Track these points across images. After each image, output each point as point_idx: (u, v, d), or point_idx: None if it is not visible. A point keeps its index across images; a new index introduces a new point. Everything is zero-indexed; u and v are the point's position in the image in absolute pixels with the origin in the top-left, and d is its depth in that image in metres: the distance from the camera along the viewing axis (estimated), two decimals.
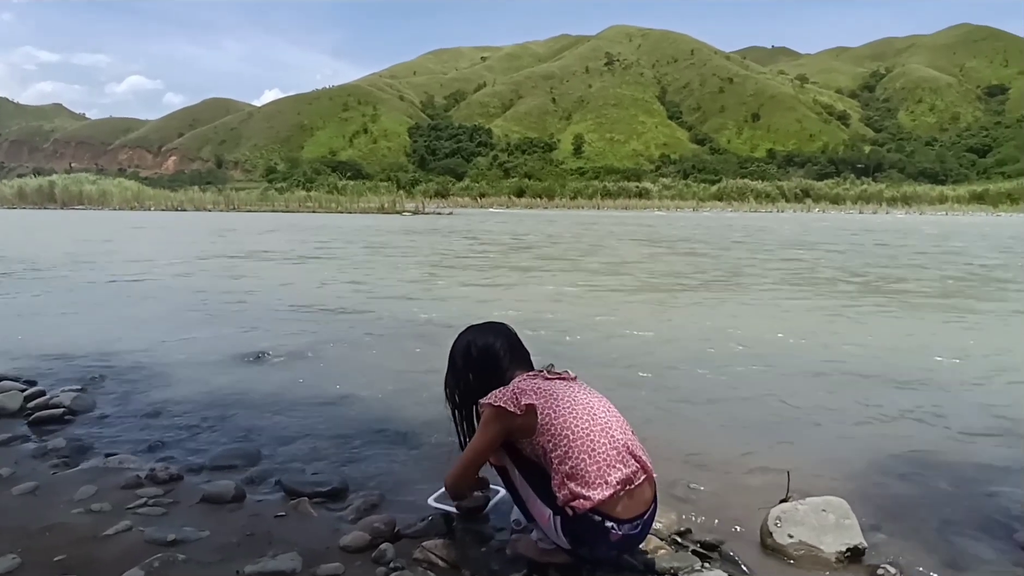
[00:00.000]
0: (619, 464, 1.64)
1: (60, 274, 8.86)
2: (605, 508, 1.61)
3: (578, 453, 1.63)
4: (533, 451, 1.72)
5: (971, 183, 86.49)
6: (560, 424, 1.67)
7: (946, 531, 2.02)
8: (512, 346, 1.92)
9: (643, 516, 1.67)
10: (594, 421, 1.68)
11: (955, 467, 2.54)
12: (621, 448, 1.66)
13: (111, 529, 1.94)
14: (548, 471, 1.69)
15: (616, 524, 1.62)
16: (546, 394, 1.72)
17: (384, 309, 6.23)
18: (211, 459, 2.53)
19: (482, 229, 22.91)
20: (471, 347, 1.91)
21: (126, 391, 3.45)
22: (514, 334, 1.97)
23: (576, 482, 1.62)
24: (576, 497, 1.61)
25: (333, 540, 1.91)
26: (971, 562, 1.85)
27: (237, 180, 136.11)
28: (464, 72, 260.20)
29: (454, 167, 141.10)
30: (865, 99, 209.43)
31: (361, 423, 2.99)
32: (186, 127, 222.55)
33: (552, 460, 1.66)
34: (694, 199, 75.21)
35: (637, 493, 1.65)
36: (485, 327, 1.98)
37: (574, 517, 1.62)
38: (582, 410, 1.70)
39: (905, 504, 2.21)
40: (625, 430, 1.73)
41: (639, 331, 5.26)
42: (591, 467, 1.62)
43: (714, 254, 13.32)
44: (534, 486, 1.72)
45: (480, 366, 1.88)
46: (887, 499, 2.24)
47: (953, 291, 8.03)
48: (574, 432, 1.65)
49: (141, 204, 48.29)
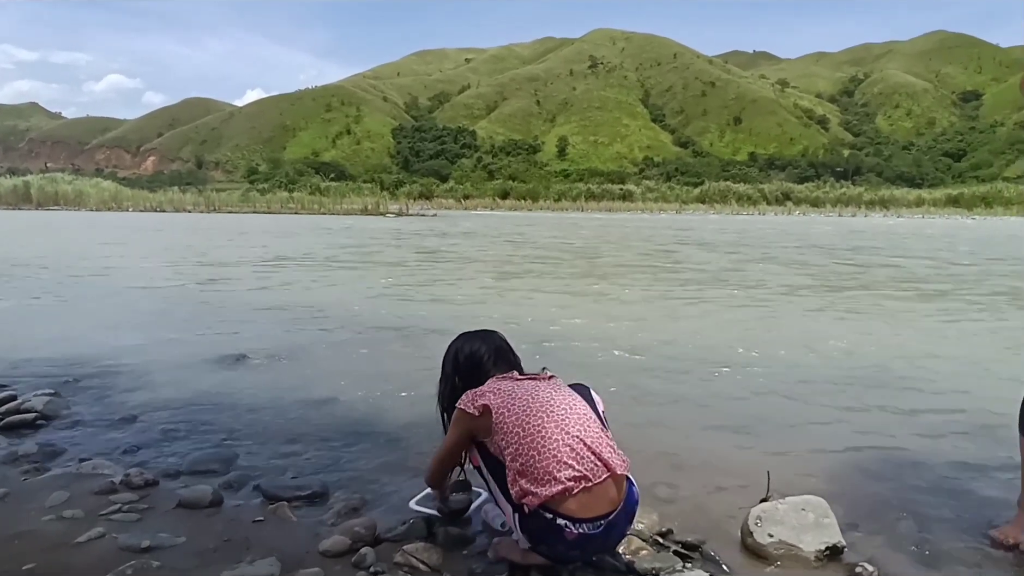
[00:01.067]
0: (571, 461, 1.61)
1: (32, 275, 8.67)
2: (556, 505, 1.59)
3: (528, 450, 1.64)
4: (495, 450, 1.74)
5: (947, 187, 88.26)
6: (512, 422, 1.68)
7: (921, 528, 2.05)
8: (498, 352, 1.94)
9: (607, 516, 1.63)
10: (549, 418, 1.67)
11: (929, 465, 2.58)
12: (576, 445, 1.63)
13: (83, 536, 1.89)
14: (505, 468, 1.72)
15: (571, 523, 1.59)
16: (505, 394, 1.74)
17: (365, 311, 6.18)
18: (188, 463, 2.49)
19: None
20: (459, 353, 1.97)
21: (101, 395, 3.38)
22: (503, 341, 2.00)
23: (526, 478, 1.62)
24: (526, 494, 1.61)
25: (313, 545, 1.88)
26: (945, 558, 1.88)
27: (218, 181, 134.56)
28: (448, 73, 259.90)
29: (438, 169, 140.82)
30: (844, 104, 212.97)
31: (342, 426, 2.96)
32: (166, 127, 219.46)
33: (506, 457, 1.69)
34: (677, 201, 75.90)
35: (597, 491, 1.61)
36: (475, 334, 2.01)
37: (528, 514, 1.63)
38: (538, 407, 1.69)
39: (882, 502, 2.24)
40: (588, 427, 1.69)
41: (614, 335, 5.28)
42: (540, 463, 1.61)
43: (708, 256, 13.43)
44: (499, 484, 1.73)
45: (466, 371, 1.92)
46: (864, 498, 2.27)
47: (927, 292, 8.18)
48: (525, 429, 1.66)
49: (119, 205, 47.51)
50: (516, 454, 1.66)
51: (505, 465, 1.71)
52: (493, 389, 1.77)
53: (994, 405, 3.10)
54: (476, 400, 1.75)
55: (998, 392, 2.04)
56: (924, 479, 2.44)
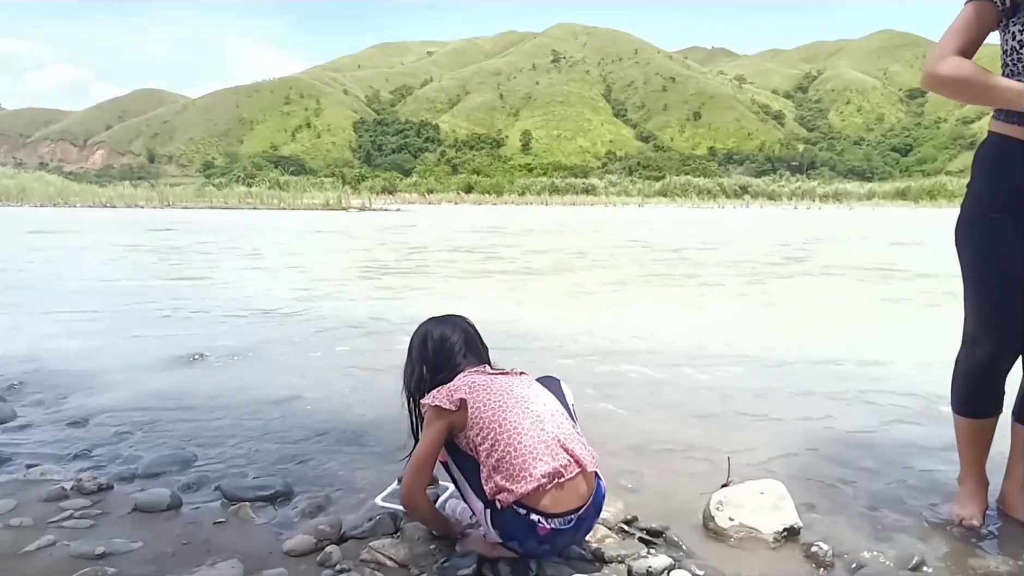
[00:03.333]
0: (547, 457, 1.63)
1: None
2: (530, 501, 1.60)
3: (504, 446, 1.63)
4: (467, 445, 1.72)
5: (895, 180, 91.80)
6: (488, 417, 1.67)
7: (873, 507, 2.14)
8: (468, 341, 1.92)
9: (577, 511, 1.66)
10: (525, 414, 1.68)
11: (879, 448, 2.69)
12: (551, 441, 1.65)
13: (32, 545, 1.81)
14: (479, 464, 1.70)
15: (543, 518, 1.61)
16: (480, 388, 1.72)
17: (326, 309, 6.09)
18: (144, 466, 2.41)
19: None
20: (427, 338, 1.91)
21: (50, 398, 3.24)
22: (472, 328, 1.97)
23: (501, 475, 1.62)
24: (501, 490, 1.61)
25: (276, 545, 1.85)
26: (896, 535, 1.96)
27: (172, 175, 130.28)
28: (410, 66, 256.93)
29: (401, 163, 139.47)
30: (799, 99, 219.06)
31: (304, 424, 2.91)
32: (115, 119, 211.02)
33: (480, 453, 1.67)
34: (639, 196, 76.93)
35: (569, 487, 1.64)
36: (444, 319, 1.98)
37: (501, 511, 1.62)
38: (514, 403, 1.69)
39: (835, 484, 2.32)
40: (560, 423, 1.72)
41: (571, 326, 5.34)
42: (516, 460, 1.61)
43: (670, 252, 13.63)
44: (469, 480, 1.72)
45: (434, 358, 1.88)
46: (819, 480, 2.35)
47: (881, 278, 8.50)
48: (501, 425, 1.65)
49: (65, 201, 45.45)
50: (491, 450, 1.64)
51: (477, 461, 1.69)
52: (468, 383, 1.74)
53: (938, 388, 3.24)
54: (452, 395, 1.71)
55: (942, 375, 2.15)
56: (875, 461, 2.54)
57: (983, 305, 1.93)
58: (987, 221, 1.89)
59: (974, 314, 1.96)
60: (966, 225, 1.95)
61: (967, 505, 2.02)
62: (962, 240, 1.96)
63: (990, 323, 1.92)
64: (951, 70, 1.84)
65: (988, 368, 1.94)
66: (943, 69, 1.85)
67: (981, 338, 1.93)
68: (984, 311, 1.93)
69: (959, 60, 1.84)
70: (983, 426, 2.00)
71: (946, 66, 1.85)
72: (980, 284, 1.93)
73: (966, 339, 1.99)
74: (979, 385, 1.97)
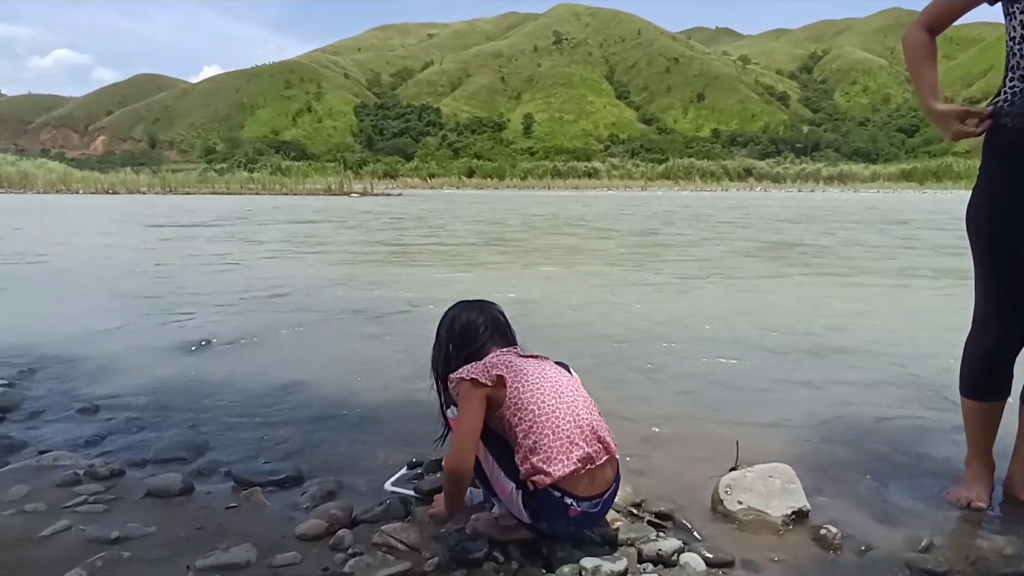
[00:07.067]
0: (581, 442, 1.67)
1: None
2: (565, 484, 1.64)
3: (542, 428, 1.66)
4: (499, 424, 1.73)
5: (900, 162, 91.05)
6: (527, 399, 1.69)
7: (881, 490, 2.15)
8: (495, 324, 1.94)
9: (603, 495, 1.71)
10: (560, 399, 1.71)
11: (887, 431, 2.70)
12: (584, 427, 1.69)
13: (48, 529, 1.84)
14: (512, 445, 1.71)
15: (576, 501, 1.65)
16: (516, 368, 1.74)
17: (329, 294, 6.09)
18: (155, 452, 2.43)
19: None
20: (455, 321, 1.94)
21: (60, 385, 3.26)
22: (500, 313, 1.99)
23: (538, 457, 1.64)
24: (537, 472, 1.63)
25: (288, 529, 1.87)
26: (904, 518, 1.97)
27: (173, 161, 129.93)
28: (411, 49, 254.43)
29: (403, 147, 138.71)
30: (804, 80, 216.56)
31: (314, 409, 2.92)
32: (116, 105, 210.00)
33: (517, 434, 1.68)
34: (642, 179, 76.51)
35: (598, 472, 1.69)
36: (472, 303, 2.00)
37: (535, 492, 1.65)
38: (550, 387, 1.73)
39: (844, 467, 2.33)
40: (591, 411, 1.76)
41: (579, 310, 5.33)
42: (554, 443, 1.64)
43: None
44: (498, 459, 1.73)
45: (460, 340, 1.90)
46: (828, 463, 2.36)
47: (891, 265, 8.47)
48: (539, 407, 1.68)
49: (68, 187, 45.46)
50: (529, 431, 1.66)
51: (510, 440, 1.72)
52: (504, 362, 1.76)
53: (945, 371, 3.24)
54: (489, 371, 1.72)
55: (950, 356, 2.16)
56: (883, 444, 2.55)
57: (994, 289, 1.93)
58: (999, 205, 1.87)
59: (984, 298, 1.95)
60: (978, 209, 1.93)
61: (974, 487, 2.03)
62: (974, 224, 1.95)
63: (1000, 307, 1.91)
64: (910, 48, 1.88)
65: (997, 352, 1.94)
66: (906, 42, 1.89)
67: (990, 322, 1.93)
68: (994, 295, 1.93)
69: (919, 42, 1.87)
70: (991, 409, 2.00)
71: (909, 40, 1.88)
72: (991, 268, 1.92)
73: (976, 322, 1.99)
74: (987, 368, 1.97)
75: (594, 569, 1.61)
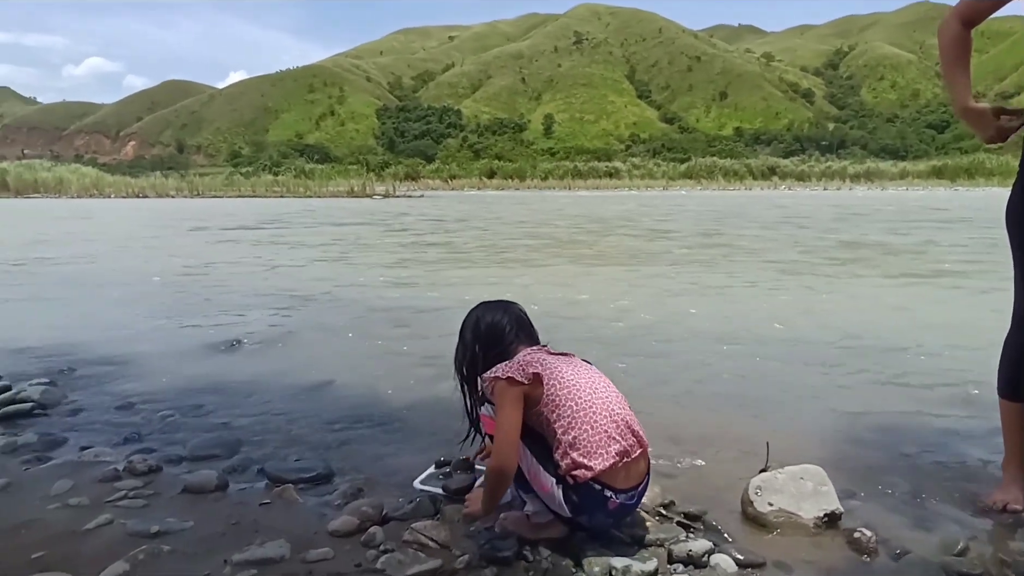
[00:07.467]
0: (618, 436, 1.71)
1: (17, 263, 8.54)
2: (605, 478, 1.68)
3: (581, 424, 1.69)
4: (536, 421, 1.76)
5: (930, 159, 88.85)
6: (564, 395, 1.72)
7: (916, 494, 2.11)
8: (519, 323, 1.96)
9: (637, 487, 1.76)
10: (595, 395, 1.75)
11: (922, 433, 2.65)
12: (619, 421, 1.73)
13: (91, 523, 1.90)
14: (550, 441, 1.74)
15: (614, 493, 1.70)
16: (550, 366, 1.77)
17: (355, 295, 6.17)
18: (190, 449, 2.49)
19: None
20: (479, 322, 1.96)
21: (97, 383, 3.36)
22: (522, 312, 2.01)
23: (578, 452, 1.67)
24: (578, 466, 1.66)
25: (321, 526, 1.90)
26: (939, 521, 1.93)
27: (200, 165, 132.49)
28: (432, 52, 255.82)
29: (424, 149, 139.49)
30: (829, 76, 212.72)
31: (343, 408, 2.97)
32: (145, 111, 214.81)
33: (556, 430, 1.71)
34: (664, 178, 75.74)
35: (633, 466, 1.73)
36: (495, 304, 2.02)
37: (575, 486, 1.68)
38: (585, 383, 1.76)
39: (877, 470, 2.29)
40: (624, 405, 1.80)
41: (609, 309, 5.31)
42: (593, 438, 1.68)
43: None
44: (537, 456, 1.75)
45: (486, 340, 1.93)
46: (860, 465, 2.33)
47: (922, 264, 8.28)
48: (577, 403, 1.71)
49: (100, 191, 46.61)
50: (568, 427, 1.69)
51: (547, 436, 1.75)
52: (538, 360, 1.78)
53: (980, 370, 3.16)
54: (524, 369, 1.74)
55: (984, 357, 2.10)
56: (917, 445, 2.50)
57: None
58: None
59: None
60: (1016, 206, 1.89)
61: (1010, 490, 1.99)
62: (1013, 222, 1.91)
63: None
64: (945, 43, 1.87)
65: None
66: (942, 35, 1.89)
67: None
68: None
69: (955, 38, 1.86)
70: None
71: (944, 34, 1.88)
72: None
73: (1015, 321, 1.94)
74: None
75: (624, 569, 1.62)
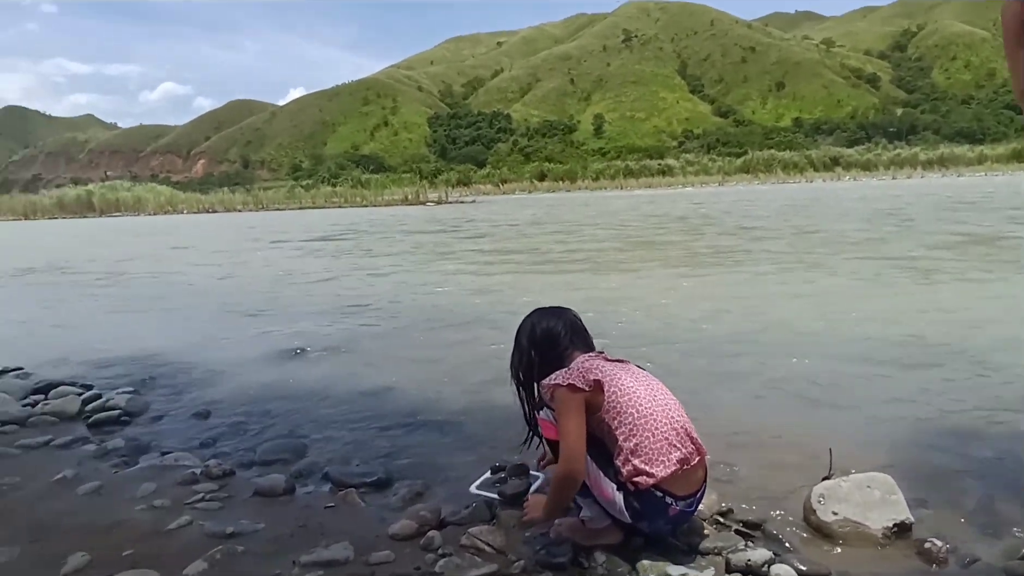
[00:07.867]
0: (678, 444, 1.72)
1: (100, 279, 9.18)
2: (666, 485, 1.69)
3: (642, 431, 1.71)
4: (597, 427, 1.78)
5: (1010, 141, 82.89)
6: (625, 402, 1.74)
7: (989, 502, 2.00)
8: (574, 329, 1.99)
9: (696, 494, 1.76)
10: (655, 402, 1.76)
11: (993, 438, 2.49)
12: (679, 429, 1.74)
13: (173, 524, 2.04)
14: (610, 447, 1.76)
15: (675, 500, 1.71)
16: (610, 373, 1.79)
17: (410, 302, 6.31)
18: (260, 454, 2.63)
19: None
20: (535, 328, 1.99)
21: (175, 391, 3.59)
22: (577, 318, 2.04)
23: (640, 459, 1.69)
24: (640, 473, 1.68)
25: (382, 529, 1.97)
26: (1012, 528, 1.83)
27: (264, 179, 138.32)
28: (481, 59, 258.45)
29: (475, 155, 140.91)
30: (896, 59, 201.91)
31: (401, 414, 3.06)
32: (212, 130, 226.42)
33: (617, 437, 1.73)
34: (719, 174, 73.71)
35: (691, 473, 1.74)
36: (550, 310, 2.05)
37: (636, 492, 1.69)
38: (644, 390, 1.77)
39: (947, 477, 2.18)
40: (681, 412, 1.80)
41: (664, 310, 5.23)
42: (654, 445, 1.70)
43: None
44: (598, 462, 1.77)
45: (542, 346, 1.96)
46: (930, 472, 2.22)
47: (986, 260, 7.76)
48: (639, 411, 1.73)
49: (174, 208, 49.40)
50: (630, 434, 1.71)
51: (608, 443, 1.77)
52: (597, 366, 1.80)
53: None
54: (586, 376, 1.76)
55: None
56: (989, 452, 2.36)
57: None
58: None
59: None
60: None
61: None
62: None
63: None
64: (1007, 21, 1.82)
65: None
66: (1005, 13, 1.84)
67: None
68: None
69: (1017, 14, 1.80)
70: None
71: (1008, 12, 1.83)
72: None
73: None
74: None
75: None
